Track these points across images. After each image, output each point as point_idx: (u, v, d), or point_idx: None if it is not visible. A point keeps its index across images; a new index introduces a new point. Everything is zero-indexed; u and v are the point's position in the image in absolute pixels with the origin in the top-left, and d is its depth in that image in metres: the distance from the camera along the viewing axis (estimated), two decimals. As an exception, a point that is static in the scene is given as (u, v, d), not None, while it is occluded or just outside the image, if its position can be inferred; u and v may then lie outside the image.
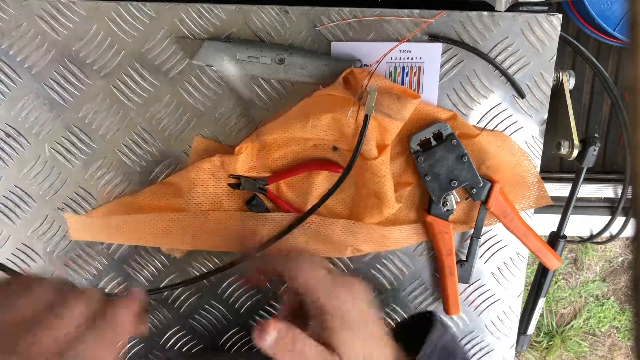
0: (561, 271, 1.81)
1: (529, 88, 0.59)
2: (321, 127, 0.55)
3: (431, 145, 0.58)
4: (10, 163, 0.60)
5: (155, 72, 0.58)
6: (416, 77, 0.58)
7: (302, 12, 0.57)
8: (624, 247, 1.78)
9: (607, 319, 1.81)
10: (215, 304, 0.64)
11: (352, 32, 0.57)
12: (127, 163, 0.60)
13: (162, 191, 0.60)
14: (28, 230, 0.62)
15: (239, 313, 0.64)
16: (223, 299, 0.64)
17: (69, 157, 0.60)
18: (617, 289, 1.82)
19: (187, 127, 0.60)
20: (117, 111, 0.59)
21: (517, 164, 0.61)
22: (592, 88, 1.06)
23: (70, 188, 0.61)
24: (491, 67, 0.59)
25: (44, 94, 0.58)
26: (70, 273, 0.63)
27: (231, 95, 0.59)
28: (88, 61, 0.58)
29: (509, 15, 0.57)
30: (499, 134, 0.60)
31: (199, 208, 0.60)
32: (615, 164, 1.05)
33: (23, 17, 0.56)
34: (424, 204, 0.62)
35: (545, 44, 0.58)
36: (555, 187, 0.93)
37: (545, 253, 0.63)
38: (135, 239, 0.60)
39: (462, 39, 0.58)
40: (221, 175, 0.59)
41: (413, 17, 0.56)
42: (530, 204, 0.63)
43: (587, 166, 0.64)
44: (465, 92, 0.59)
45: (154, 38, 0.57)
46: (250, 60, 0.56)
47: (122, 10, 0.56)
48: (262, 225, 0.59)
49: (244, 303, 0.64)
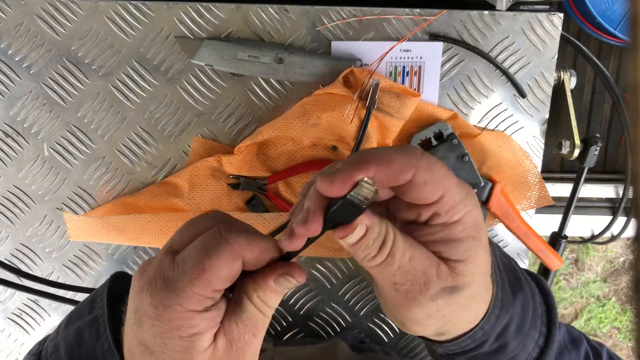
0: (562, 271, 1.81)
1: (529, 87, 0.59)
2: (321, 127, 0.55)
3: (432, 145, 0.58)
4: (9, 163, 0.60)
5: (154, 72, 0.58)
6: (416, 77, 0.58)
7: (302, 11, 0.56)
8: (625, 247, 1.78)
9: (608, 320, 1.81)
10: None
11: (352, 31, 0.57)
12: (126, 163, 0.60)
13: (161, 191, 0.60)
14: (27, 231, 0.61)
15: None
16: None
17: (68, 157, 0.60)
18: (618, 289, 1.81)
19: (187, 127, 0.59)
20: (116, 111, 0.59)
21: (518, 164, 0.61)
22: (593, 88, 1.06)
23: (69, 188, 0.60)
24: (492, 67, 0.58)
25: (42, 94, 0.58)
26: (69, 273, 0.63)
27: (231, 95, 0.58)
28: (87, 61, 0.57)
29: (509, 15, 0.57)
30: (500, 134, 0.60)
31: (199, 208, 0.60)
32: (617, 164, 1.05)
33: (22, 17, 0.56)
34: (424, 204, 0.61)
35: (546, 44, 0.58)
36: (557, 187, 0.93)
37: (546, 253, 0.62)
38: (134, 239, 0.60)
39: (462, 38, 0.57)
40: (221, 176, 0.59)
41: (413, 16, 0.56)
42: (532, 204, 0.63)
43: (589, 166, 0.64)
44: (466, 92, 0.59)
45: (153, 37, 0.57)
46: (250, 59, 0.56)
47: (121, 10, 0.56)
48: (261, 225, 0.59)
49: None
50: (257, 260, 0.29)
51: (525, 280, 0.37)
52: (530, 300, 0.36)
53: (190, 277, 0.27)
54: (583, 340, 0.40)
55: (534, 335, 0.36)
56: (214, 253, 0.28)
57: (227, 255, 0.28)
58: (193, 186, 0.59)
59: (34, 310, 0.64)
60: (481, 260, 0.31)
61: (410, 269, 0.29)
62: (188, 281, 0.27)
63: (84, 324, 0.35)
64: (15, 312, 0.64)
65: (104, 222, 0.59)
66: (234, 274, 0.29)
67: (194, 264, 0.27)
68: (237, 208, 0.60)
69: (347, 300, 0.64)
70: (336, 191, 0.27)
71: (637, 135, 0.15)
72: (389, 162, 0.28)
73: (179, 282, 0.27)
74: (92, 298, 0.38)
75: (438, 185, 0.28)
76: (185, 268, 0.28)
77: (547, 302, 0.38)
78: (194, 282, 0.27)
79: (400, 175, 0.28)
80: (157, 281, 0.28)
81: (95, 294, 0.38)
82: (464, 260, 0.30)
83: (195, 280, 0.27)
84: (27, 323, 0.64)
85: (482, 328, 0.33)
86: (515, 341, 0.35)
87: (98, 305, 0.36)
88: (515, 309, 0.34)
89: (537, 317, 0.36)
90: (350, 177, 0.27)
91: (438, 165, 0.29)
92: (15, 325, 0.64)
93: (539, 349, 0.36)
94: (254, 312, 0.30)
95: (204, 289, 0.27)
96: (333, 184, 0.27)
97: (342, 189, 0.27)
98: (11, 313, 0.64)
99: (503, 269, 0.35)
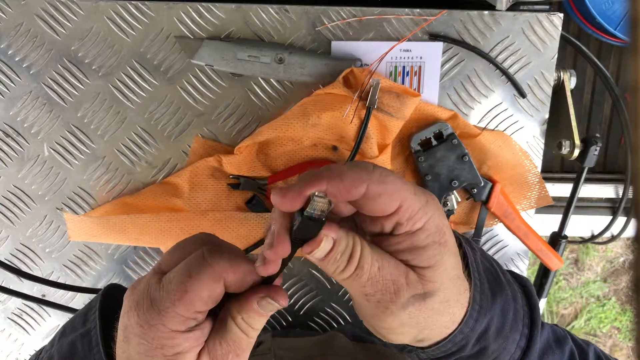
0: (562, 271, 1.81)
1: (529, 88, 0.59)
2: (321, 126, 0.55)
3: (432, 145, 0.58)
4: (9, 163, 0.60)
5: (154, 72, 0.58)
6: (417, 77, 0.58)
7: (302, 11, 0.56)
8: (625, 247, 1.78)
9: (608, 320, 1.81)
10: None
11: (352, 31, 0.57)
12: (126, 163, 0.60)
13: (161, 191, 0.60)
14: (27, 231, 0.61)
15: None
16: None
17: (68, 157, 0.60)
18: (618, 289, 1.81)
19: (187, 127, 0.59)
20: (117, 111, 0.59)
21: (518, 164, 0.61)
22: (593, 88, 1.06)
23: (69, 188, 0.60)
24: (492, 67, 0.58)
25: (42, 94, 0.58)
26: (69, 273, 0.63)
27: (231, 95, 0.58)
28: (87, 60, 0.57)
29: (509, 15, 0.57)
30: (500, 134, 0.60)
31: (199, 208, 0.60)
32: (617, 164, 1.05)
33: (22, 17, 0.56)
34: (424, 204, 0.61)
35: (546, 44, 0.58)
36: (557, 187, 0.93)
37: (546, 253, 0.62)
38: (134, 239, 0.60)
39: (462, 38, 0.57)
40: (221, 175, 0.59)
41: (413, 16, 0.56)
42: (532, 204, 0.63)
43: (588, 166, 0.64)
44: (466, 92, 0.59)
45: (153, 37, 0.57)
46: (250, 59, 0.56)
47: (121, 10, 0.56)
48: (261, 225, 0.59)
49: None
50: (240, 282, 0.30)
51: (507, 282, 0.37)
52: (511, 302, 0.36)
53: (173, 298, 0.28)
54: (568, 339, 0.41)
55: (515, 337, 0.36)
56: (196, 275, 0.29)
57: (209, 277, 0.29)
58: (193, 186, 0.59)
59: (34, 310, 0.64)
60: (449, 265, 0.31)
61: (379, 279, 0.30)
62: (171, 302, 0.28)
63: (77, 337, 0.36)
64: (16, 312, 0.64)
65: (104, 222, 0.59)
66: (216, 296, 0.29)
67: (177, 286, 0.29)
68: (237, 208, 0.60)
69: (347, 300, 0.64)
70: (288, 205, 0.28)
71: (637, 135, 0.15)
72: (340, 177, 0.28)
73: (162, 302, 0.29)
74: (86, 310, 0.39)
75: (393, 197, 0.29)
76: (169, 289, 0.29)
77: (529, 303, 0.38)
78: (176, 303, 0.28)
79: (353, 189, 0.28)
80: (144, 300, 0.29)
81: (88, 306, 0.39)
82: (431, 267, 0.30)
83: (177, 302, 0.28)
84: (27, 323, 0.64)
85: (462, 331, 0.33)
86: (496, 343, 0.35)
87: (91, 319, 0.37)
88: (495, 311, 0.34)
89: (518, 319, 0.36)
90: (302, 190, 0.28)
91: (391, 177, 0.29)
92: (16, 325, 0.64)
93: (521, 350, 0.36)
94: (237, 333, 0.31)
95: (186, 310, 0.28)
96: (285, 197, 0.28)
97: (294, 203, 0.28)
98: (11, 313, 0.64)
99: (483, 271, 0.36)
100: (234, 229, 0.59)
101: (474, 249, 0.37)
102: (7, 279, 0.63)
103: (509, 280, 0.38)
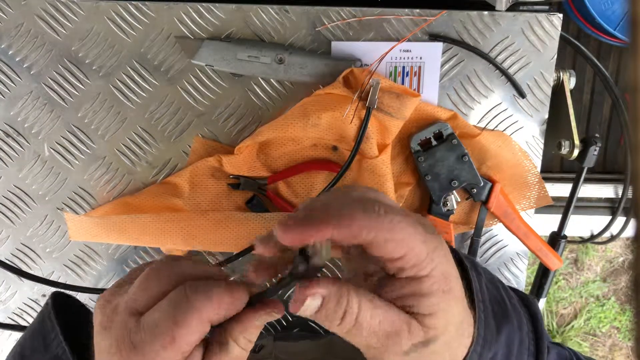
0: (562, 271, 1.81)
1: (529, 88, 0.59)
2: (322, 126, 0.55)
3: (432, 145, 0.58)
4: (9, 163, 0.60)
5: (154, 72, 0.58)
6: (416, 77, 0.58)
7: (302, 12, 0.57)
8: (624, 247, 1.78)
9: (607, 319, 1.81)
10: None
11: (352, 31, 0.57)
12: (127, 163, 0.60)
13: (161, 191, 0.60)
14: (27, 231, 0.61)
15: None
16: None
17: (69, 157, 0.60)
18: (617, 289, 1.81)
19: (187, 127, 0.59)
20: (117, 111, 0.59)
21: (518, 164, 0.61)
22: (593, 88, 1.06)
23: (69, 188, 0.61)
24: (492, 67, 0.58)
25: (43, 94, 0.58)
26: (69, 273, 0.63)
27: (231, 95, 0.58)
28: (87, 61, 0.57)
29: (509, 15, 0.57)
30: (500, 134, 0.60)
31: (199, 208, 0.60)
32: (616, 163, 1.05)
33: (22, 17, 0.56)
34: (424, 204, 0.61)
35: (546, 44, 0.58)
36: (556, 187, 0.93)
37: (545, 253, 0.63)
38: (135, 239, 0.60)
39: (462, 38, 0.57)
40: (221, 175, 0.59)
41: (413, 16, 0.56)
42: (531, 204, 0.63)
43: (588, 166, 0.64)
44: (466, 92, 0.59)
45: (153, 38, 0.57)
46: (250, 59, 0.56)
47: (121, 10, 0.56)
48: (261, 225, 0.59)
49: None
50: (227, 314, 0.30)
51: (512, 308, 0.36)
52: (516, 332, 0.35)
53: (159, 345, 0.28)
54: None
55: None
56: (182, 321, 0.28)
57: (197, 321, 0.28)
58: (193, 186, 0.59)
59: (35, 310, 0.64)
60: (453, 312, 0.30)
61: (379, 331, 0.29)
62: (158, 348, 0.28)
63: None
64: (16, 312, 0.64)
65: (104, 222, 0.59)
66: (204, 334, 0.29)
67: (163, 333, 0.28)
68: (237, 208, 0.60)
69: (347, 300, 0.64)
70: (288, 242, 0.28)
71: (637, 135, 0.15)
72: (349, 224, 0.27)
73: (147, 347, 0.28)
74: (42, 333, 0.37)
75: (400, 244, 0.28)
76: (155, 333, 0.28)
77: (535, 330, 0.37)
78: (163, 350, 0.28)
79: (360, 237, 0.27)
80: (124, 345, 0.28)
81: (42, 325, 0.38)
82: (434, 314, 0.29)
83: (164, 349, 0.28)
84: (28, 323, 0.64)
85: None
86: None
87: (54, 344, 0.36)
88: (500, 345, 0.34)
89: (523, 349, 0.36)
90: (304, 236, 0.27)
91: (402, 224, 0.28)
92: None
93: None
94: (239, 351, 0.31)
95: (175, 354, 0.28)
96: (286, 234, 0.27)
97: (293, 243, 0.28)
98: (12, 312, 0.64)
99: (489, 301, 0.35)
100: (234, 229, 0.59)
101: (479, 273, 0.36)
102: (8, 279, 0.63)
103: (515, 305, 0.37)
